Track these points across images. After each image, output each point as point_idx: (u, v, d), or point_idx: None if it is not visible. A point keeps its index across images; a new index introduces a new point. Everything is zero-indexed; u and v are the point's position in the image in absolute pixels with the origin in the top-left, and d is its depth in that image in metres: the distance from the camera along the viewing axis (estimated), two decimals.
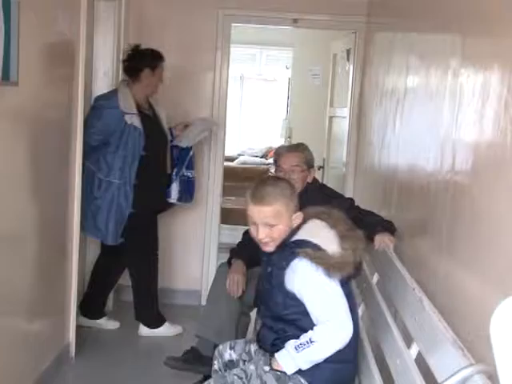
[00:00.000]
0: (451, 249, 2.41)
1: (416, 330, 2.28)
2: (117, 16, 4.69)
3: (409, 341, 2.31)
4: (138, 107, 4.30)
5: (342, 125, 5.53)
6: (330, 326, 2.38)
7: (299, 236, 2.47)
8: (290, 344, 2.40)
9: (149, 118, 4.36)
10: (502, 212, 1.94)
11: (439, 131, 2.67)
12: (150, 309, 4.50)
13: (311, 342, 2.36)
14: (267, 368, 2.48)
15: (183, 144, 4.63)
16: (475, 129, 2.25)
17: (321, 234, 2.47)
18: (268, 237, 2.48)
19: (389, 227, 3.26)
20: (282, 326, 2.50)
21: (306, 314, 2.43)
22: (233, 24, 5.13)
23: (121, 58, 4.57)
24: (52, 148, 3.52)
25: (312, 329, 2.39)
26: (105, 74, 4.70)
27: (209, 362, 3.59)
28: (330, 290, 2.39)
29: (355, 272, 2.49)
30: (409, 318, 2.39)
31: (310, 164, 3.69)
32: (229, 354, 2.75)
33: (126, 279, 5.16)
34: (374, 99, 4.52)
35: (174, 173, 4.58)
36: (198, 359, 3.61)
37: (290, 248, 2.43)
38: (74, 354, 3.99)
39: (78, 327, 4.07)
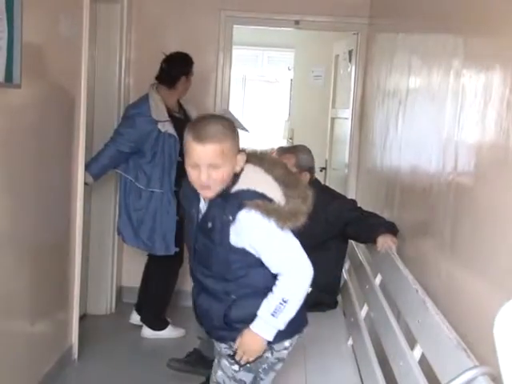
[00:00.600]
0: (454, 250, 2.41)
1: (419, 332, 2.27)
2: (119, 18, 4.69)
3: (412, 342, 2.31)
4: (169, 111, 4.31)
5: (344, 126, 5.53)
6: (295, 275, 2.30)
7: (241, 185, 2.23)
8: (264, 313, 2.26)
9: (181, 121, 4.28)
10: (505, 213, 1.93)
11: (441, 132, 2.66)
12: (156, 312, 4.50)
13: (285, 302, 2.25)
14: (236, 367, 2.40)
15: None
16: (477, 130, 2.25)
17: (262, 181, 2.28)
18: (212, 179, 2.20)
19: (391, 228, 3.26)
20: (225, 289, 2.32)
21: (252, 266, 2.29)
22: (235, 25, 5.13)
23: (125, 58, 4.59)
24: (54, 149, 3.52)
25: (263, 283, 2.29)
26: (109, 76, 4.70)
27: (211, 363, 3.59)
28: (285, 238, 2.25)
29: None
30: (412, 319, 2.39)
31: (301, 167, 3.65)
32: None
33: (127, 281, 5.17)
34: (376, 100, 4.52)
35: None
36: (200, 361, 3.61)
37: (236, 199, 2.20)
38: (76, 356, 3.99)
39: (81, 329, 4.07)
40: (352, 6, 4.99)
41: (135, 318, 4.59)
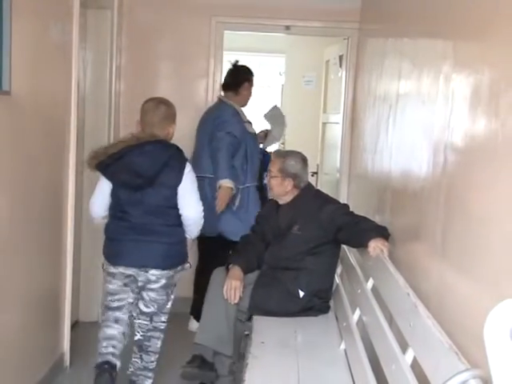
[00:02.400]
0: (445, 253, 2.41)
1: (411, 335, 2.27)
2: (109, 24, 4.69)
3: (404, 346, 2.31)
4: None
5: (336, 131, 5.55)
6: None
7: None
8: None
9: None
10: (495, 216, 1.94)
11: (432, 136, 2.67)
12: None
13: None
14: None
15: (272, 143, 5.19)
16: (467, 133, 2.26)
17: None
18: None
19: (383, 233, 3.27)
20: None
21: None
22: (225, 31, 5.14)
23: (115, 64, 4.61)
24: (45, 155, 3.51)
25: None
26: (99, 82, 4.69)
27: (213, 367, 3.58)
28: None
29: None
30: (404, 323, 2.39)
31: (286, 173, 3.68)
32: None
33: None
34: (367, 105, 4.53)
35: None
36: (205, 366, 3.57)
37: None
38: (68, 364, 3.98)
39: (73, 336, 4.06)
40: (342, 12, 5.01)
41: (194, 326, 4.33)
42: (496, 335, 1.28)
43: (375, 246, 3.14)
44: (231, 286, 3.47)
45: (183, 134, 4.41)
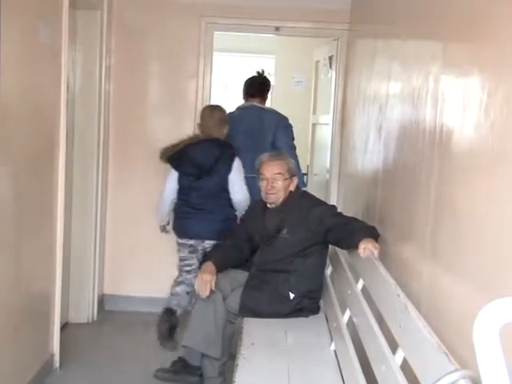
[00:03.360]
0: (435, 254, 2.42)
1: (401, 336, 2.28)
2: (99, 25, 4.68)
3: (394, 347, 2.31)
4: None
5: (325, 131, 5.55)
6: None
7: None
8: None
9: None
10: (484, 217, 1.95)
11: (421, 136, 2.68)
12: None
13: None
14: None
15: None
16: (456, 134, 2.26)
17: None
18: None
19: (372, 233, 3.26)
20: None
21: None
22: (215, 32, 5.14)
23: (105, 65, 4.62)
24: (35, 156, 3.49)
25: None
26: (89, 83, 4.67)
27: (197, 371, 3.59)
28: None
29: None
30: (394, 324, 2.39)
31: (292, 172, 3.71)
32: None
33: (109, 289, 5.15)
34: (357, 105, 4.54)
35: None
36: (186, 369, 3.60)
37: None
38: (58, 365, 3.96)
39: (62, 337, 4.04)
40: (332, 13, 5.02)
41: None
42: (485, 336, 1.28)
43: (365, 247, 3.13)
44: (202, 279, 3.47)
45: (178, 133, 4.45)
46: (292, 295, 3.56)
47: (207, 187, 4.24)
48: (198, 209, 4.26)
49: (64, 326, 4.41)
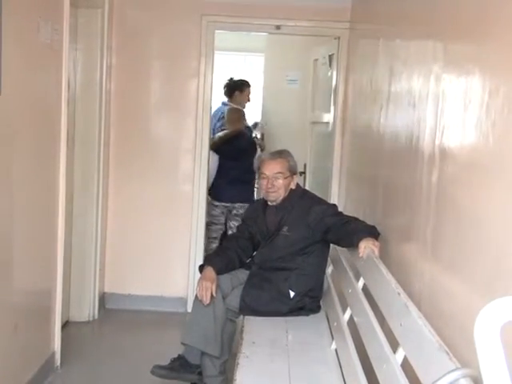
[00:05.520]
0: (436, 253, 2.42)
1: (402, 335, 2.28)
2: (100, 23, 4.68)
3: (395, 346, 2.31)
4: None
5: (325, 130, 5.54)
6: None
7: None
8: None
9: None
10: (486, 216, 1.95)
11: (422, 136, 2.68)
12: None
13: None
14: None
15: None
16: (458, 134, 2.27)
17: None
18: None
19: (372, 232, 3.27)
20: None
21: None
22: (216, 31, 5.13)
23: (106, 64, 4.64)
24: (36, 155, 3.50)
25: None
26: (90, 81, 4.67)
27: (196, 369, 3.59)
28: None
29: None
30: (395, 322, 2.39)
31: (293, 171, 3.71)
32: None
33: (110, 287, 5.15)
34: (358, 104, 4.54)
35: None
36: (184, 367, 3.60)
37: None
38: (59, 363, 3.96)
39: (63, 336, 4.05)
40: (333, 11, 5.01)
41: None
42: (486, 334, 1.29)
43: (365, 245, 3.13)
44: (203, 286, 3.48)
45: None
46: (292, 293, 3.57)
47: (241, 165, 5.59)
48: (231, 179, 5.52)
49: (65, 325, 4.41)
